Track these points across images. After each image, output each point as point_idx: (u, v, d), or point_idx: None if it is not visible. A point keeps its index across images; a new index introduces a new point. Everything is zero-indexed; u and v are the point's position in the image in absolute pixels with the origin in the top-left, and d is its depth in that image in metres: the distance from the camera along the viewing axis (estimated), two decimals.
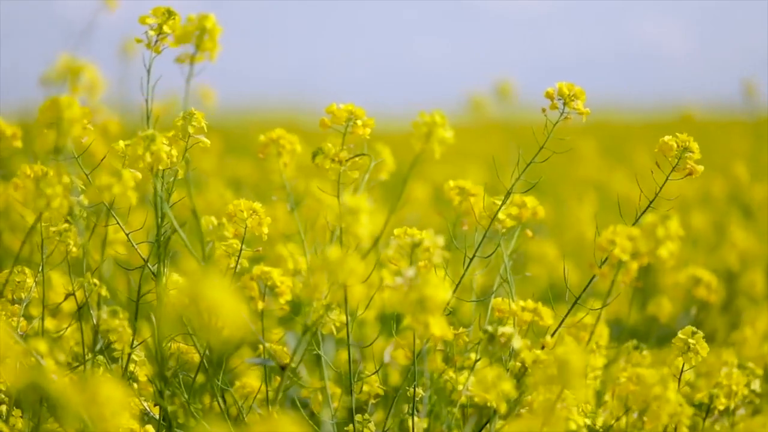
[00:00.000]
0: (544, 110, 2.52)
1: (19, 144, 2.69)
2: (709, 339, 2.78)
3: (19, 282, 2.51)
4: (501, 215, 2.58)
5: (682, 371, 2.50)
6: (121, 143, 2.48)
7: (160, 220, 2.42)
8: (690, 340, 2.51)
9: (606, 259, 2.23)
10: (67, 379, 1.98)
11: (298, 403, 2.69)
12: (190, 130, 2.46)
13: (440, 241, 2.21)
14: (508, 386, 2.08)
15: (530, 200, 2.60)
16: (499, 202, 2.59)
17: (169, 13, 2.39)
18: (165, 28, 2.40)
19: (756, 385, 2.69)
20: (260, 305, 2.53)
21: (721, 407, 2.61)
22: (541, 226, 5.24)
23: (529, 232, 2.61)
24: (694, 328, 2.52)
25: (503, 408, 2.08)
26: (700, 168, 2.53)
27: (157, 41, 2.40)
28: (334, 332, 2.55)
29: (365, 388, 2.68)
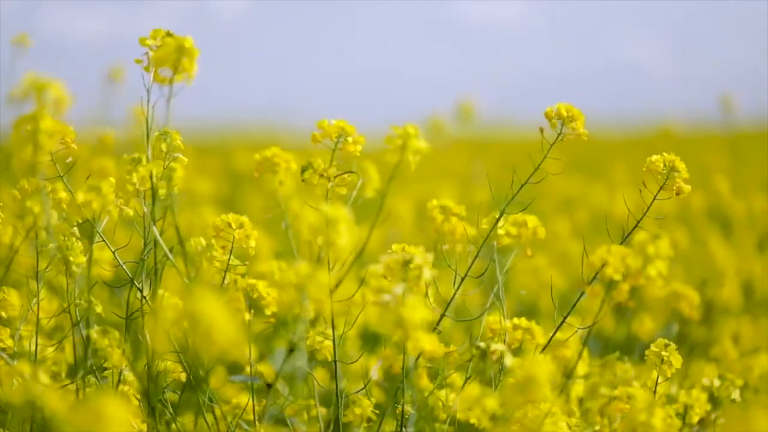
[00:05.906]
0: (542, 130, 2.53)
1: None
2: (689, 353, 2.81)
3: (8, 300, 2.51)
4: (500, 231, 2.54)
5: (657, 383, 2.52)
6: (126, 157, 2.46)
7: (146, 239, 2.42)
8: (663, 353, 2.53)
9: (595, 277, 2.23)
10: (59, 397, 1.97)
11: (287, 421, 2.70)
12: (164, 147, 2.44)
13: (430, 258, 2.21)
14: (491, 402, 2.07)
15: (531, 219, 2.53)
16: (494, 220, 2.57)
17: (170, 36, 2.39)
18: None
19: (737, 394, 2.72)
20: (246, 316, 2.52)
21: (696, 418, 2.63)
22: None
23: (529, 251, 2.57)
24: (667, 341, 2.54)
25: (487, 425, 2.08)
26: (688, 187, 2.52)
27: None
28: (316, 348, 2.56)
29: (356, 411, 2.64)
